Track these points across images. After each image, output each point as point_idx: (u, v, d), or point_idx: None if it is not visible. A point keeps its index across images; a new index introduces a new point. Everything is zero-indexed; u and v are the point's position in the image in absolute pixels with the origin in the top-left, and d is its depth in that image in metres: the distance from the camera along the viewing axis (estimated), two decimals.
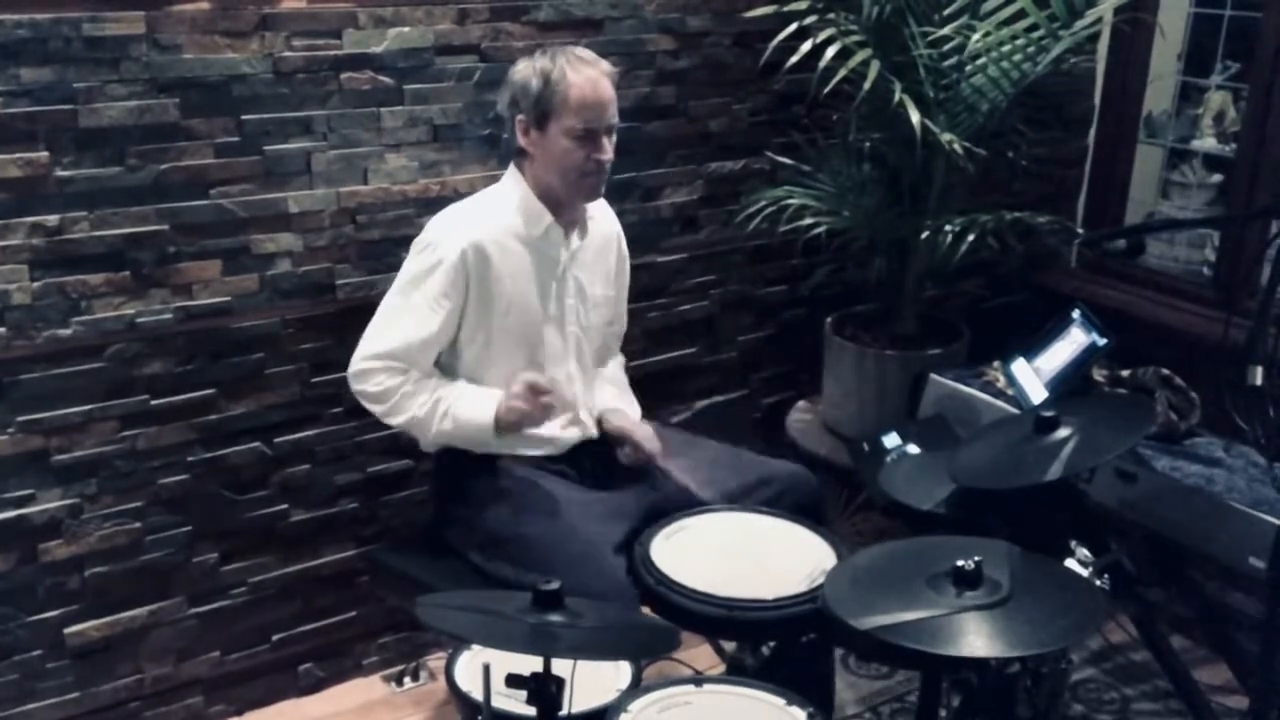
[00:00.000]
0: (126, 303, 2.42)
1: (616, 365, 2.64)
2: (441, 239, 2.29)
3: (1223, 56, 3.37)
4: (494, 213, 2.34)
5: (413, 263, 2.31)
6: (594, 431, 2.46)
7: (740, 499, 2.36)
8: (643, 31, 2.90)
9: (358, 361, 2.31)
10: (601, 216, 2.50)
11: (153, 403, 2.49)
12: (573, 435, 2.42)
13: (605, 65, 2.29)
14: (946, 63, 2.84)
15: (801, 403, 3.32)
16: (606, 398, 2.52)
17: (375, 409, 2.33)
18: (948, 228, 2.92)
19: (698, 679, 1.90)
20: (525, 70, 2.27)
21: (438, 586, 2.21)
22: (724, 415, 3.28)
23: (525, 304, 2.33)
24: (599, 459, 2.45)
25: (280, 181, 2.52)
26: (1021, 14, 2.78)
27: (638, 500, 2.32)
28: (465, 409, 2.27)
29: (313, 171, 2.55)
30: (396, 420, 2.31)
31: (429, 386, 2.29)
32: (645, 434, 2.42)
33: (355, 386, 2.33)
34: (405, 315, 2.28)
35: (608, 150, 2.28)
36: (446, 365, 2.36)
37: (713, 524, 2.27)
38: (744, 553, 2.19)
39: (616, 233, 2.56)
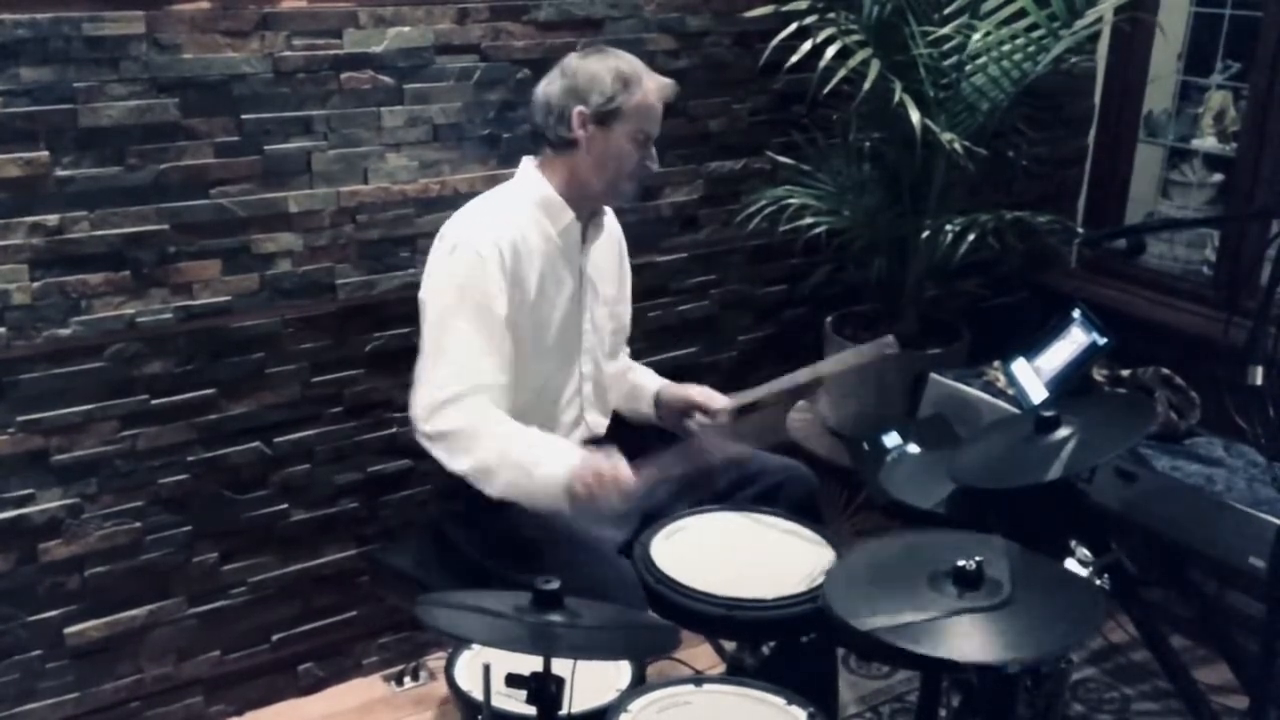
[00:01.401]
0: (126, 303, 2.42)
1: (627, 358, 2.64)
2: (474, 238, 2.19)
3: (1223, 56, 3.37)
4: (515, 210, 2.29)
5: (454, 270, 2.18)
6: (599, 431, 2.46)
7: (737, 492, 2.36)
8: (643, 31, 2.90)
9: (429, 394, 2.14)
10: (609, 217, 2.49)
11: (153, 403, 2.49)
12: (578, 436, 2.42)
13: (668, 80, 2.33)
14: (946, 62, 2.84)
15: (801, 402, 3.32)
16: (647, 378, 2.55)
17: (438, 452, 2.15)
18: (948, 228, 2.92)
19: (698, 679, 1.90)
20: (595, 66, 2.24)
21: (438, 586, 2.21)
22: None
23: (548, 302, 2.31)
24: None
25: (280, 181, 2.52)
26: (1021, 13, 2.78)
27: (638, 504, 2.32)
28: (541, 458, 2.11)
29: (313, 171, 2.55)
30: (458, 465, 2.14)
31: (500, 430, 2.14)
32: (708, 392, 2.42)
33: (423, 426, 2.14)
34: (468, 332, 2.15)
35: (656, 161, 2.32)
36: None
37: (713, 524, 2.27)
38: (744, 553, 2.19)
39: (619, 234, 2.56)
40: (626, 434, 2.51)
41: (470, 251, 2.18)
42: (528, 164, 2.35)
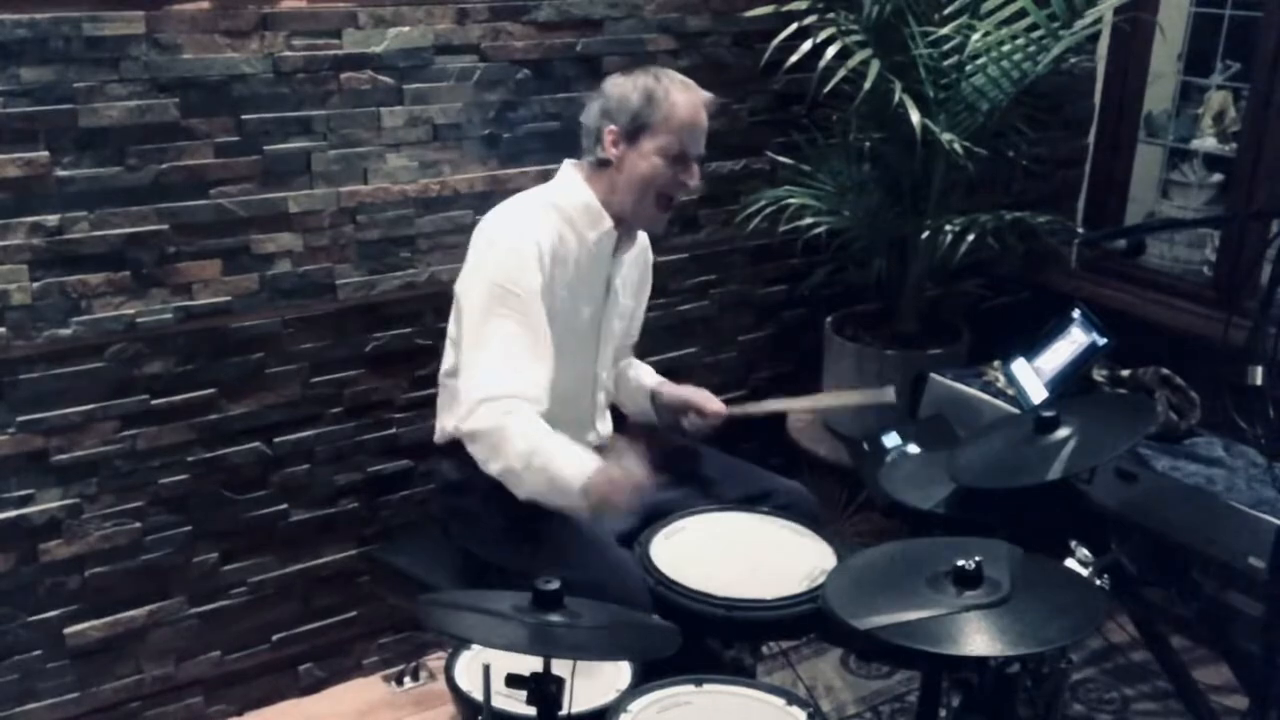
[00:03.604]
0: (126, 303, 2.42)
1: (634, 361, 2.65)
2: (513, 232, 2.19)
3: (1223, 56, 3.37)
4: (552, 212, 2.27)
5: (495, 264, 2.17)
6: (603, 440, 2.45)
7: (748, 507, 2.35)
8: (643, 31, 2.90)
9: (474, 392, 2.12)
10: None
11: (153, 403, 2.49)
12: (589, 441, 2.40)
13: (706, 95, 2.31)
14: (946, 63, 2.84)
15: None
16: (646, 377, 2.57)
17: (475, 451, 2.14)
18: (948, 228, 2.92)
19: (698, 679, 1.90)
20: (624, 84, 2.26)
21: (438, 586, 2.21)
22: None
23: (575, 308, 2.31)
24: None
25: (280, 181, 2.52)
26: (1021, 14, 2.78)
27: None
28: (561, 466, 2.08)
29: (313, 171, 2.55)
30: (494, 466, 2.13)
31: (529, 434, 2.10)
32: (705, 395, 2.46)
33: (464, 426, 2.13)
34: (516, 332, 2.14)
35: (696, 176, 2.29)
36: None
37: (712, 524, 2.27)
38: (744, 553, 2.19)
39: (648, 249, 2.55)
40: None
41: (509, 246, 2.18)
42: (569, 168, 2.33)
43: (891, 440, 2.61)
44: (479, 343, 2.16)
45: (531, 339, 2.16)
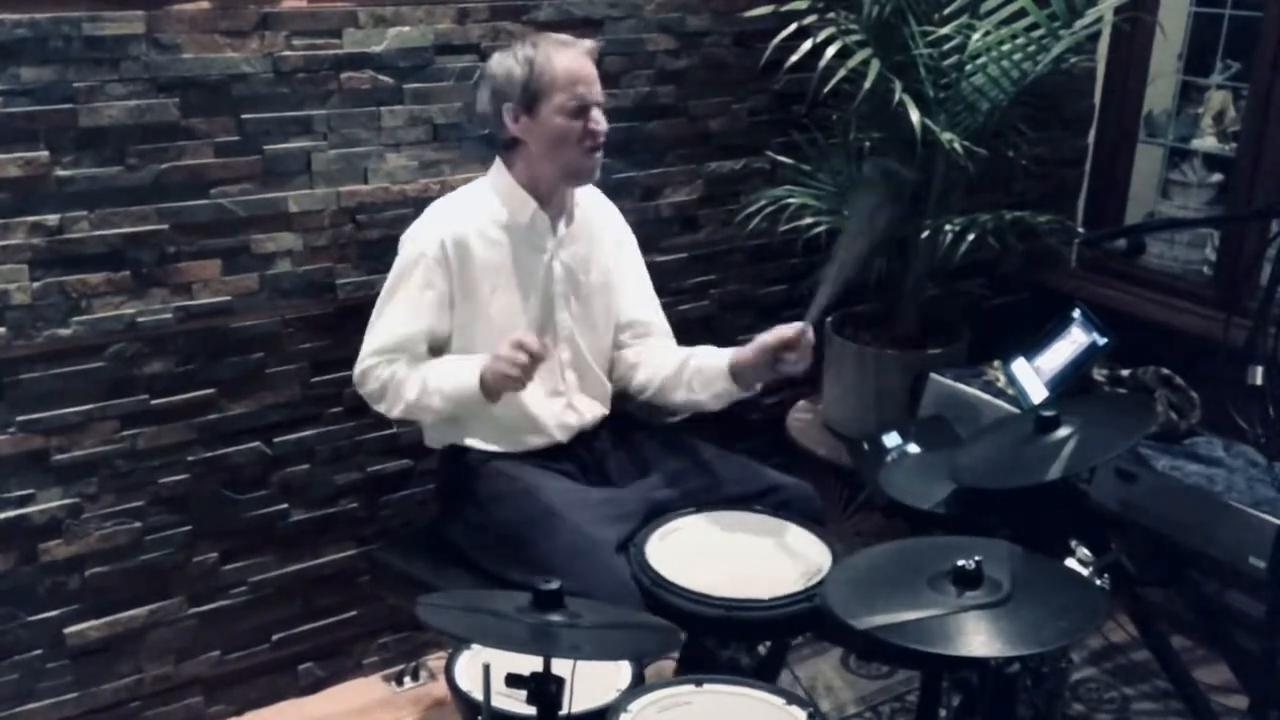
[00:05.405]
0: (126, 302, 2.42)
1: (670, 346, 2.53)
2: (421, 233, 2.33)
3: (1223, 56, 3.37)
4: (475, 204, 2.37)
5: (397, 260, 2.36)
6: (593, 417, 2.46)
7: (743, 505, 2.35)
8: (643, 31, 2.90)
9: (357, 365, 2.35)
10: (589, 203, 2.49)
11: (153, 403, 2.49)
12: (572, 422, 2.42)
13: (586, 43, 2.33)
14: (946, 62, 2.84)
15: (801, 402, 3.32)
16: (712, 360, 2.39)
17: (379, 407, 2.36)
18: (948, 228, 2.92)
19: (698, 679, 1.90)
20: (505, 61, 2.30)
21: (438, 586, 2.21)
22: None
23: (510, 292, 2.35)
24: (599, 452, 2.46)
25: (280, 181, 2.52)
26: (1022, 13, 2.78)
27: (640, 500, 2.32)
28: (450, 380, 2.28)
29: (313, 171, 2.55)
30: (396, 411, 2.33)
31: (417, 369, 2.31)
32: (778, 333, 2.26)
33: (360, 390, 2.37)
34: (393, 310, 2.33)
35: (602, 121, 2.31)
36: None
37: (708, 524, 2.27)
38: (740, 552, 2.19)
39: (615, 220, 2.55)
40: (627, 426, 2.52)
41: (413, 247, 2.33)
42: (497, 162, 2.41)
43: (891, 440, 2.61)
44: (372, 324, 2.35)
45: (412, 317, 2.31)
